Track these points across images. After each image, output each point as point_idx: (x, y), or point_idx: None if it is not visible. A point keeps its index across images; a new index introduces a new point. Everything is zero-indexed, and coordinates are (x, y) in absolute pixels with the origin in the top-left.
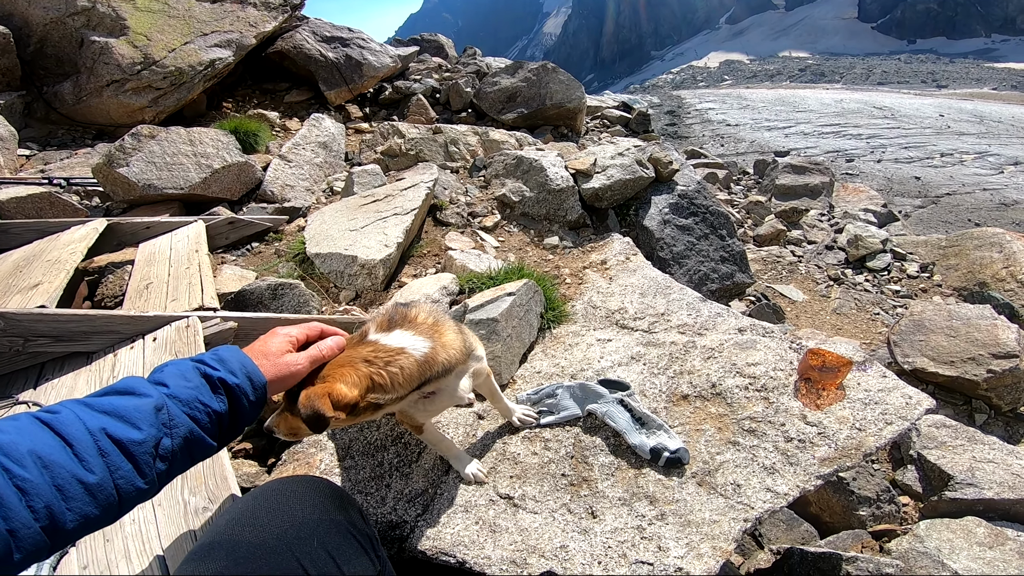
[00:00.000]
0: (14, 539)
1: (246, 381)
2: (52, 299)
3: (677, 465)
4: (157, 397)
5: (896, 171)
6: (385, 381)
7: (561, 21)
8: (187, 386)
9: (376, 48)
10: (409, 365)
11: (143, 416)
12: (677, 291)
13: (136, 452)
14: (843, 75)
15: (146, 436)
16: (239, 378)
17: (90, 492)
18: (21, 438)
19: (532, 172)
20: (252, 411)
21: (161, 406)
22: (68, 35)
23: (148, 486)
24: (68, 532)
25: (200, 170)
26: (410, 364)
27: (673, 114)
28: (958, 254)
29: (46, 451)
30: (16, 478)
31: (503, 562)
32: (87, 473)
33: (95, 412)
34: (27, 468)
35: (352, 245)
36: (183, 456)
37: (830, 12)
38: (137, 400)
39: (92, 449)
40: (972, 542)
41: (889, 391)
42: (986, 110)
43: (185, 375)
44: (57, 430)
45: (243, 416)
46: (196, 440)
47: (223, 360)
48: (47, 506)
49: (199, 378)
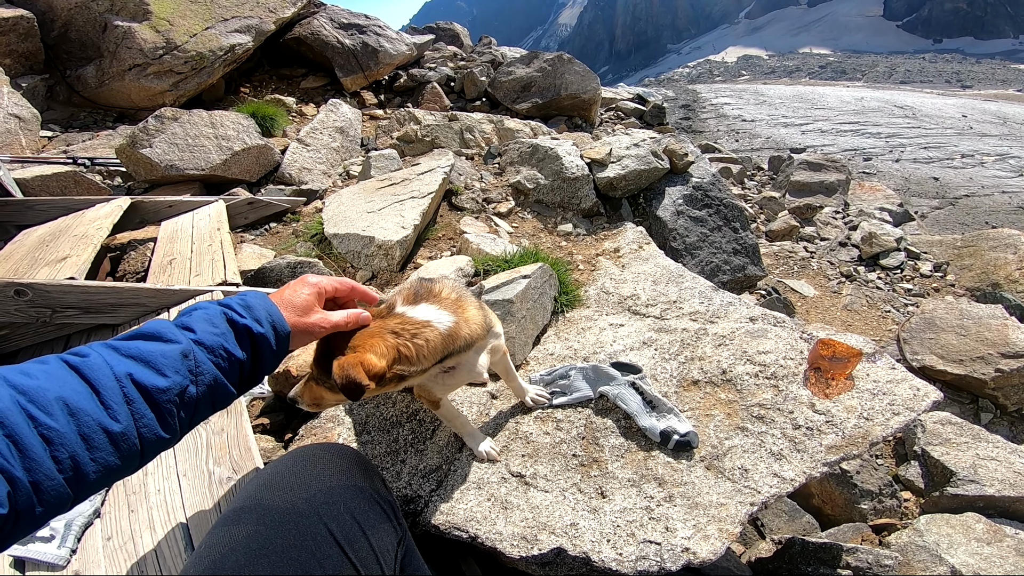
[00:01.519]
0: (37, 492)
1: (270, 330)
2: (81, 272)
3: (686, 448)
4: (184, 343)
5: (914, 171)
6: (411, 353)
7: (576, 12)
8: (214, 332)
9: (392, 35)
10: (434, 338)
11: (169, 363)
12: (689, 280)
13: (160, 400)
14: (865, 73)
15: (171, 384)
16: (264, 327)
17: (114, 441)
18: (50, 383)
19: (547, 160)
20: (273, 360)
21: (188, 352)
22: (92, 19)
23: (170, 435)
24: (90, 483)
25: (221, 152)
26: (435, 337)
27: (688, 108)
28: (973, 254)
29: (73, 398)
30: (42, 427)
31: (514, 538)
32: (112, 422)
33: (122, 356)
34: (54, 416)
35: (370, 226)
36: (205, 404)
37: (854, 9)
38: (164, 346)
39: (118, 396)
40: (970, 538)
41: (898, 383)
42: (1010, 111)
43: (212, 320)
44: (85, 375)
45: (264, 365)
46: (219, 388)
47: (250, 307)
48: (72, 456)
49: (225, 324)
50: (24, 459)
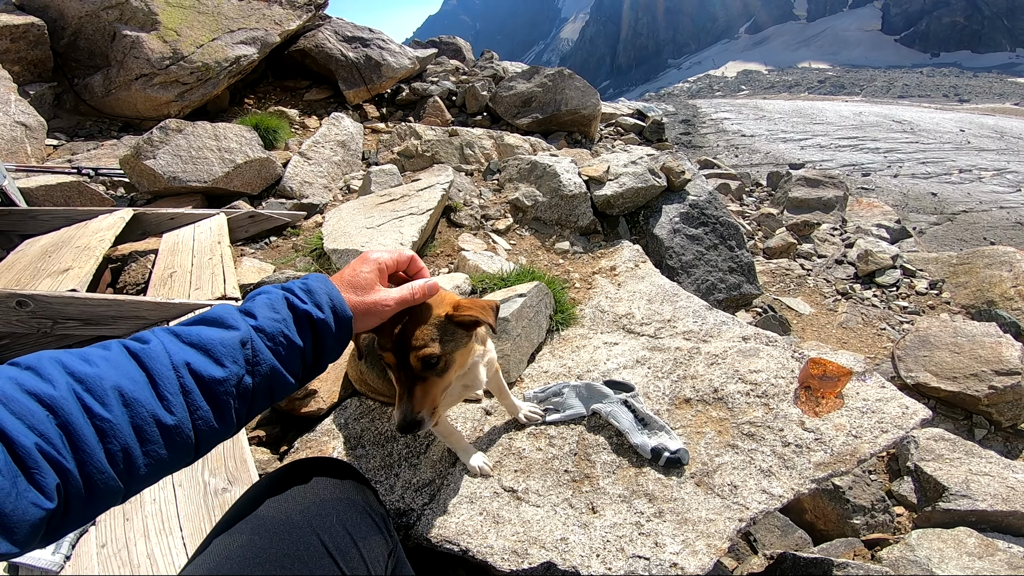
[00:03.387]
0: (88, 485)
1: (331, 315)
2: (83, 284)
3: (677, 465)
4: (244, 330)
5: (913, 187)
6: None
7: (579, 27)
8: (274, 318)
9: (395, 49)
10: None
11: (228, 351)
12: (684, 299)
13: (217, 391)
14: (863, 87)
15: (228, 374)
16: (324, 312)
17: (167, 434)
18: (108, 371)
19: (546, 177)
20: (336, 347)
21: (247, 340)
22: (101, 28)
23: (226, 427)
24: (141, 477)
25: (224, 164)
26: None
27: (688, 123)
28: (968, 272)
29: (130, 387)
30: (97, 418)
31: (505, 552)
32: (167, 414)
33: (182, 344)
34: (109, 406)
35: (368, 242)
36: (263, 394)
37: (853, 24)
38: (224, 333)
39: (175, 386)
40: (962, 552)
41: (887, 401)
42: (1008, 126)
43: (274, 305)
44: (144, 363)
45: (326, 351)
46: (277, 377)
47: (311, 291)
48: (124, 448)
49: (286, 310)
50: (76, 451)
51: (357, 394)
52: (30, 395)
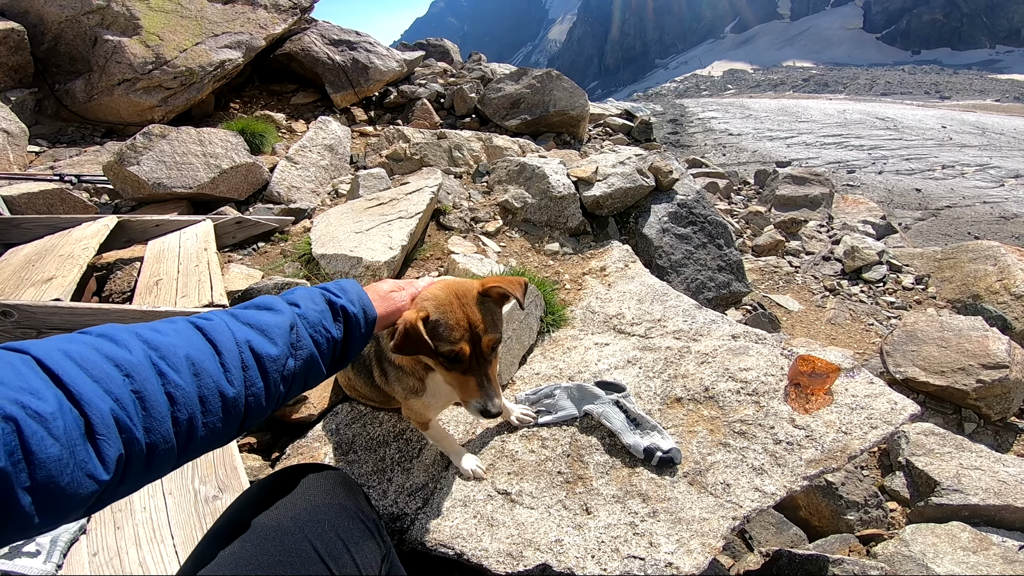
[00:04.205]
0: (150, 456)
1: (361, 312)
2: (66, 293)
3: (669, 465)
4: (290, 315)
5: (897, 183)
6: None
7: (566, 28)
8: (315, 309)
9: (383, 52)
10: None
11: (281, 332)
12: (674, 298)
13: (270, 369)
14: (847, 85)
15: (281, 352)
16: (356, 308)
17: (225, 406)
18: (179, 341)
19: (535, 179)
20: (360, 342)
21: (293, 324)
22: (82, 33)
23: (270, 406)
24: (194, 448)
25: (209, 170)
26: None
27: (676, 123)
28: (953, 266)
29: (199, 357)
30: (170, 384)
31: (500, 554)
32: (228, 386)
33: (241, 324)
34: (182, 374)
35: (357, 247)
36: (300, 380)
37: (835, 22)
38: (275, 316)
39: (237, 360)
40: (956, 547)
41: (875, 397)
42: (988, 122)
43: (313, 298)
44: (210, 336)
45: (353, 346)
46: (313, 364)
47: (344, 290)
48: (190, 417)
49: (324, 303)
50: (148, 418)
51: (348, 399)
52: (109, 359)
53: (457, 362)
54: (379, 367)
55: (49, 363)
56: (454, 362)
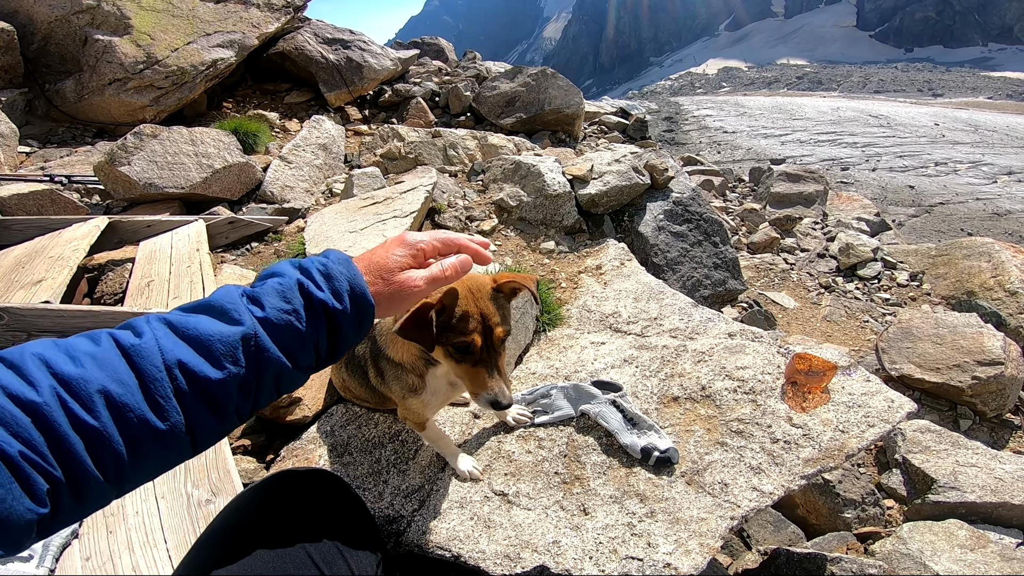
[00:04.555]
0: (75, 490)
1: (349, 304)
2: (56, 295)
3: (667, 464)
4: (248, 324)
5: (890, 180)
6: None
7: (561, 26)
8: (283, 309)
9: (377, 51)
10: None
11: (227, 350)
12: (670, 296)
13: (214, 391)
14: (840, 83)
15: (226, 375)
16: (343, 302)
17: (159, 439)
18: (95, 372)
19: (530, 177)
20: (354, 335)
21: (250, 336)
22: (72, 33)
23: (226, 424)
24: (132, 478)
25: (201, 170)
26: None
27: (671, 120)
28: (947, 263)
29: (118, 391)
30: (80, 424)
31: (497, 556)
32: (157, 419)
33: (177, 338)
34: (96, 412)
35: (352, 247)
36: (268, 389)
37: (829, 20)
38: (224, 328)
39: (167, 389)
40: (954, 544)
41: (872, 395)
42: (981, 119)
43: (285, 293)
44: (135, 362)
45: (343, 341)
46: (284, 372)
47: (331, 276)
48: (113, 453)
49: (299, 298)
50: (63, 458)
51: (343, 401)
52: (12, 399)
53: (468, 353)
54: (375, 367)
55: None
56: (465, 354)
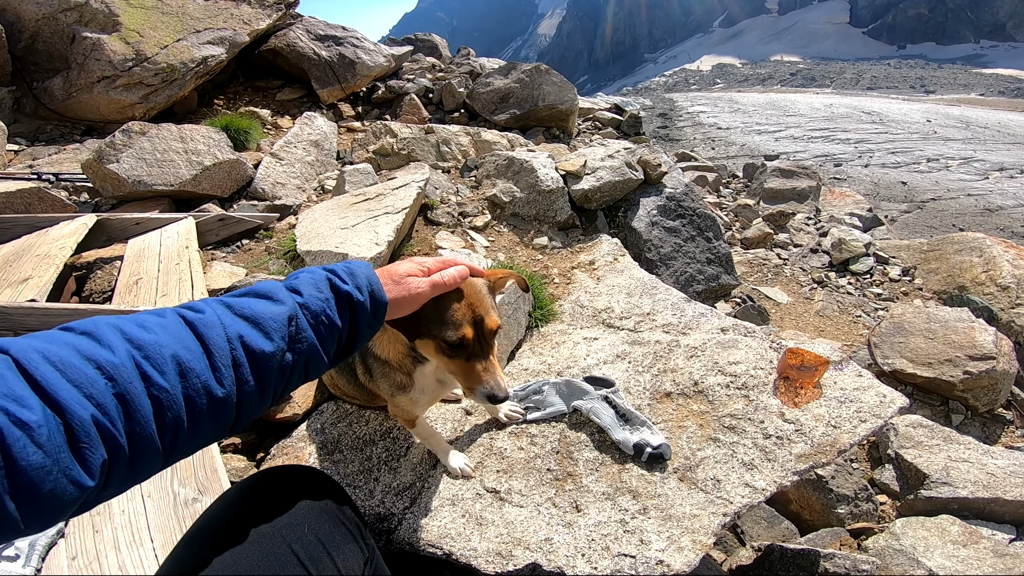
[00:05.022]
0: (133, 460)
1: (368, 299)
2: (42, 293)
3: (659, 461)
4: (291, 306)
5: (883, 176)
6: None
7: (556, 22)
8: (318, 297)
9: (370, 47)
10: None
11: (277, 326)
12: (663, 291)
13: (264, 366)
14: (833, 80)
15: (276, 348)
16: (363, 295)
17: (214, 406)
18: (167, 338)
19: (523, 173)
20: (368, 331)
21: (293, 316)
22: (59, 31)
23: (264, 402)
24: (181, 450)
25: (191, 167)
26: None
27: (665, 117)
28: (939, 258)
29: (186, 356)
30: (154, 387)
31: (489, 554)
32: (218, 386)
33: (235, 316)
34: (167, 375)
35: (343, 243)
36: (299, 372)
37: (822, 17)
38: (274, 307)
39: (227, 359)
40: (946, 540)
41: (864, 390)
42: (973, 116)
43: (318, 284)
44: (200, 333)
45: (360, 335)
46: (314, 356)
47: (353, 274)
48: (175, 419)
49: (329, 290)
50: (131, 422)
51: (333, 398)
52: (90, 362)
53: (460, 348)
54: (363, 364)
55: (29, 367)
56: (457, 349)
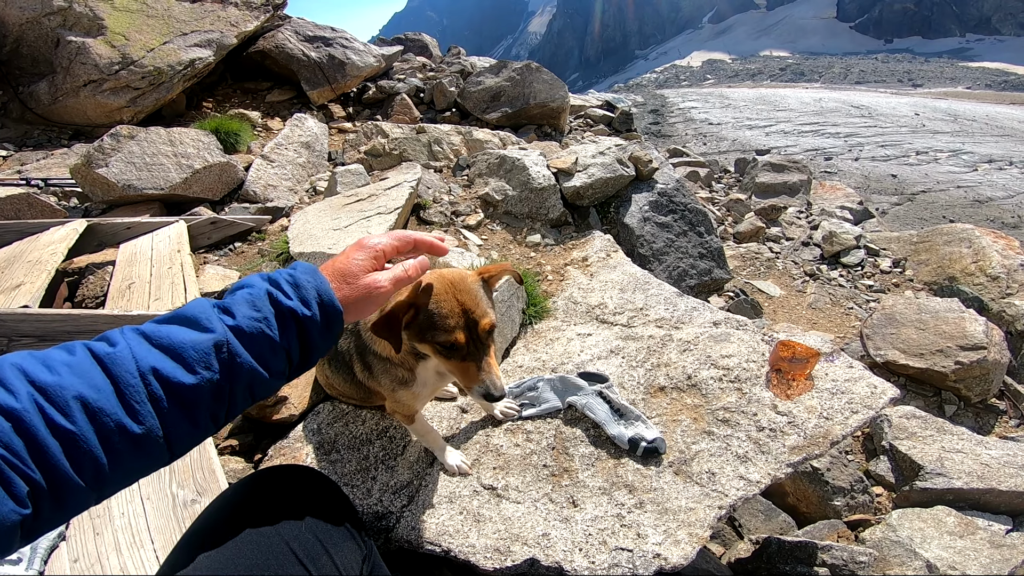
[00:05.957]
0: (55, 494)
1: (318, 311)
2: (35, 299)
3: (654, 455)
4: (219, 332)
5: (873, 169)
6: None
7: (546, 20)
8: (253, 317)
9: (359, 47)
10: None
11: (200, 356)
12: (655, 286)
13: (188, 397)
14: (822, 74)
15: (199, 380)
16: (311, 309)
17: (135, 443)
18: (70, 379)
19: (515, 171)
20: (324, 343)
21: (222, 343)
22: (43, 35)
23: (200, 430)
24: (113, 482)
25: (181, 170)
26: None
27: (657, 113)
28: (929, 249)
29: (94, 396)
30: (58, 429)
31: (487, 550)
32: (133, 423)
33: (151, 347)
34: (72, 417)
35: (336, 244)
36: (243, 395)
37: (809, 12)
38: (196, 335)
39: (141, 394)
40: (943, 531)
41: (855, 381)
42: (960, 109)
43: (255, 302)
44: (109, 369)
45: (314, 348)
46: (257, 378)
47: (298, 285)
48: (91, 458)
49: (268, 306)
50: (41, 462)
51: (329, 398)
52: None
53: (455, 350)
54: (361, 361)
55: None
56: (452, 350)
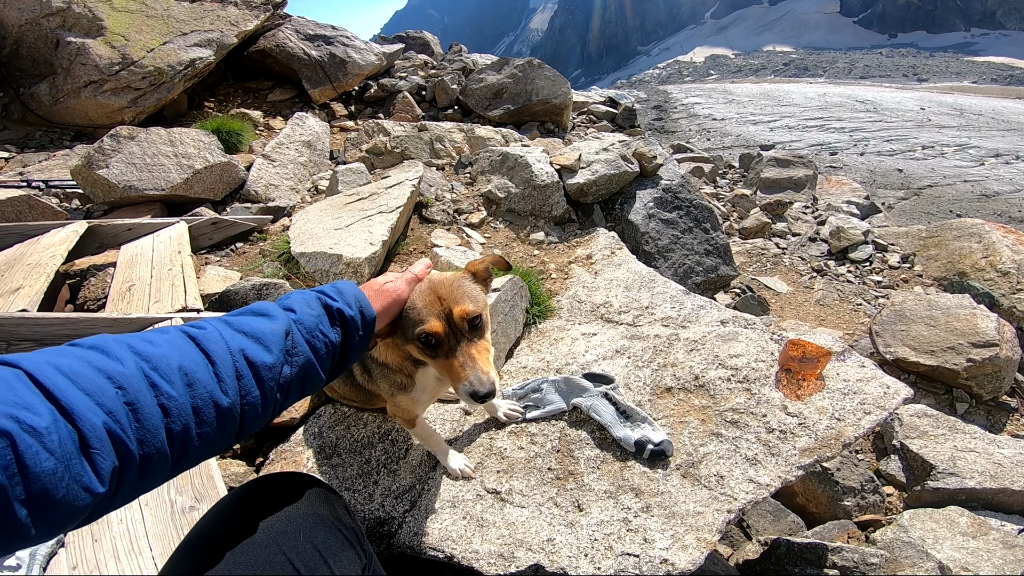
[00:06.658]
0: (143, 467)
1: (358, 314)
2: (33, 303)
3: (661, 457)
4: (286, 321)
5: (879, 164)
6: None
7: (547, 17)
8: (311, 313)
9: (360, 46)
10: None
11: (275, 340)
12: (661, 284)
13: (266, 377)
14: (826, 69)
15: (276, 360)
16: (353, 310)
17: (220, 416)
18: (172, 351)
19: (517, 168)
20: (360, 345)
21: (288, 331)
22: (43, 36)
23: (265, 414)
24: (188, 458)
25: (182, 171)
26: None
27: (660, 109)
28: (938, 244)
29: (192, 368)
30: (162, 395)
31: (491, 556)
32: (223, 395)
33: (235, 331)
34: (174, 384)
35: (337, 244)
36: (297, 385)
37: (812, 7)
38: (270, 323)
39: (231, 370)
40: (955, 532)
41: (867, 381)
42: (966, 103)
43: (309, 303)
44: (203, 346)
45: (352, 349)
46: (311, 370)
47: (341, 292)
48: (184, 428)
49: (320, 307)
50: (141, 430)
51: (330, 401)
52: (100, 372)
53: (437, 347)
54: (361, 365)
55: (40, 377)
56: (435, 347)
